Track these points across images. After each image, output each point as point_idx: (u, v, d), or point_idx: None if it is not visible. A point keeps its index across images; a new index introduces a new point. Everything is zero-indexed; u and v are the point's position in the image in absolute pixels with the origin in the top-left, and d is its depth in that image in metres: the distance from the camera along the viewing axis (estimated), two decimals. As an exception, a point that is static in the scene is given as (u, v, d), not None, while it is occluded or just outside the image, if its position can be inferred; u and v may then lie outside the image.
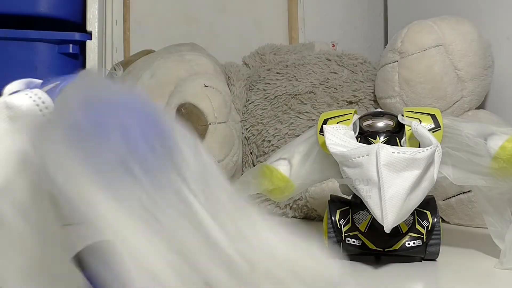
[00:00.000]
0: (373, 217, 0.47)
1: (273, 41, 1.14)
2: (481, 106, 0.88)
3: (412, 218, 0.52)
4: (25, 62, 1.01)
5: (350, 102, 0.92)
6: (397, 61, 0.82)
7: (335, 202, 0.56)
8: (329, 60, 0.97)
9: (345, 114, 0.57)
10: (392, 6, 1.35)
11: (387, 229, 0.45)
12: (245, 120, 0.97)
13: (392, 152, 0.46)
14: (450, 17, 0.84)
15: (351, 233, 0.53)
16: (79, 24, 1.06)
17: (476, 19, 0.89)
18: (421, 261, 0.54)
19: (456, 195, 0.77)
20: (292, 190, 0.59)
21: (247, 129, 0.97)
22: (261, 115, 0.96)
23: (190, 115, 0.87)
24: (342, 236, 0.53)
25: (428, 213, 0.53)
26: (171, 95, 0.91)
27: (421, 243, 0.52)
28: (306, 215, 0.86)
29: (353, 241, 0.52)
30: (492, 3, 0.92)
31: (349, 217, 0.54)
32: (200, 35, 1.27)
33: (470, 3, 0.98)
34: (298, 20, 1.38)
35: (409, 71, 0.80)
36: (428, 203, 0.54)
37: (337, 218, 0.54)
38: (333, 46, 1.31)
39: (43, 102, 0.31)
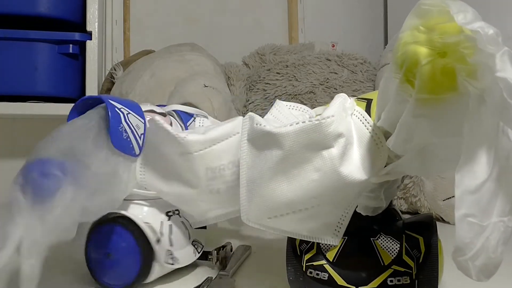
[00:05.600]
0: (347, 242, 0.38)
1: (273, 41, 1.14)
2: (481, 106, 0.88)
3: (398, 245, 0.39)
4: (25, 62, 1.01)
5: (350, 102, 0.92)
6: (397, 61, 0.82)
7: None
8: (329, 60, 0.97)
9: None
10: (392, 6, 1.35)
11: (243, 220, 0.37)
12: (245, 120, 0.97)
13: (256, 124, 0.38)
14: (450, 17, 0.84)
15: (314, 263, 0.40)
16: (79, 24, 1.06)
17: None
18: None
19: (456, 195, 0.77)
20: None
21: (247, 129, 0.97)
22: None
23: (190, 115, 0.87)
24: (303, 267, 0.40)
25: (421, 239, 0.39)
26: (171, 95, 0.91)
27: (408, 281, 0.38)
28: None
29: (317, 274, 0.39)
30: (492, 3, 0.92)
31: (313, 241, 0.40)
32: (200, 35, 1.27)
33: (470, 3, 0.98)
34: (298, 20, 1.38)
35: (409, 71, 0.80)
36: (422, 225, 0.40)
37: (297, 242, 0.41)
38: (333, 46, 1.31)
39: None
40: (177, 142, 0.41)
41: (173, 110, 0.51)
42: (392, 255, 0.38)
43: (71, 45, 1.02)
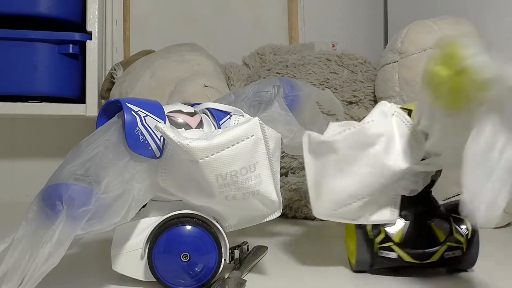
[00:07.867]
0: (409, 226, 0.47)
1: (273, 41, 1.14)
2: (481, 106, 0.88)
3: (448, 225, 0.48)
4: (25, 62, 1.01)
5: (350, 102, 0.92)
6: (397, 61, 0.82)
7: None
8: (329, 60, 0.97)
9: None
10: (392, 6, 1.35)
11: (315, 215, 0.46)
12: (245, 120, 0.97)
13: (313, 137, 0.46)
14: (450, 17, 0.84)
15: (384, 245, 0.47)
16: (79, 24, 1.06)
17: (476, 19, 0.89)
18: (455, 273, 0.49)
19: (456, 195, 0.77)
20: None
21: (247, 129, 0.96)
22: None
23: (190, 115, 0.87)
24: (374, 248, 0.48)
25: (466, 219, 0.48)
26: (171, 95, 0.91)
27: (460, 253, 0.47)
28: (306, 216, 0.86)
29: (387, 254, 0.47)
30: (492, 3, 0.92)
31: (379, 227, 0.48)
32: (200, 35, 1.27)
33: (470, 3, 0.98)
34: (298, 20, 1.38)
35: (409, 71, 0.80)
36: None
37: (368, 228, 0.48)
38: (333, 46, 1.31)
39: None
40: (182, 149, 0.39)
41: (207, 108, 0.49)
42: (446, 234, 0.47)
43: (71, 45, 1.03)
